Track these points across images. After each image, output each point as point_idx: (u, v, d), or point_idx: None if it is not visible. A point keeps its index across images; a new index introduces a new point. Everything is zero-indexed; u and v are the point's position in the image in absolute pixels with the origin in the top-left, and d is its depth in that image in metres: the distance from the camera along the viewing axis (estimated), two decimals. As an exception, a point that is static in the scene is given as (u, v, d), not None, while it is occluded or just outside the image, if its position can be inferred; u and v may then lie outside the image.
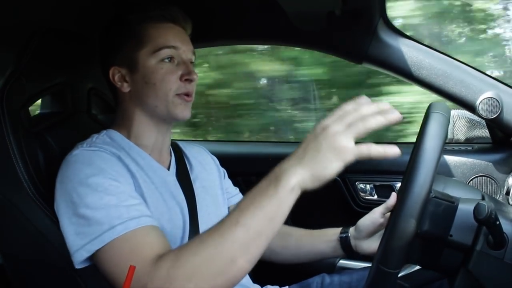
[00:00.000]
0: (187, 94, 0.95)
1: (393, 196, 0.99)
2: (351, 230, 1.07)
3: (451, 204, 0.79)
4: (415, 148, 0.76)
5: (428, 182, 0.71)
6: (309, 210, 1.51)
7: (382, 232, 0.95)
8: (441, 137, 0.73)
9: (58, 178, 0.85)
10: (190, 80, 0.94)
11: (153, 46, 0.93)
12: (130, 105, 0.96)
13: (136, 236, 0.77)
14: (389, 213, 0.98)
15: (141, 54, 0.93)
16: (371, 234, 1.03)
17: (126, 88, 0.95)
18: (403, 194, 0.73)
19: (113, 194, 0.80)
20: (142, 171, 0.91)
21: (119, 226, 0.77)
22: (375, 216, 1.01)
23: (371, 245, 1.03)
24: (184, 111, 0.95)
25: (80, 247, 0.78)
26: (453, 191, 0.86)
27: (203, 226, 0.95)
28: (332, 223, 1.15)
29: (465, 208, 0.78)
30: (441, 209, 0.78)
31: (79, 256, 0.79)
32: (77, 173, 0.82)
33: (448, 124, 0.77)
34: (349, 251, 1.07)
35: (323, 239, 1.10)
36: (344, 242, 1.06)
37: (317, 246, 1.11)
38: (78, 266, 0.80)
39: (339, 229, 1.09)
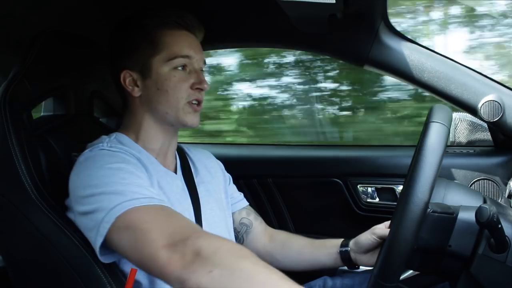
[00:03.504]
0: (198, 103, 0.96)
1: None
2: (351, 243, 1.08)
3: (450, 216, 0.79)
4: (414, 161, 0.76)
5: (425, 200, 0.71)
6: (311, 213, 1.51)
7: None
8: (439, 153, 0.73)
9: (73, 172, 0.86)
10: (200, 89, 0.95)
11: (168, 54, 0.93)
12: (139, 109, 0.97)
13: (160, 210, 0.76)
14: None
15: (155, 60, 0.93)
16: (371, 249, 1.04)
17: (137, 92, 0.96)
18: (400, 213, 0.73)
19: (135, 178, 0.81)
20: (152, 176, 0.91)
21: (143, 199, 0.76)
22: (375, 234, 1.03)
23: (371, 259, 1.04)
24: (193, 119, 0.96)
25: (98, 223, 0.76)
26: (455, 195, 0.86)
27: (206, 230, 0.95)
28: (333, 226, 1.15)
29: (465, 217, 0.78)
30: (440, 222, 0.79)
31: (97, 241, 0.76)
32: (98, 160, 0.83)
33: (449, 134, 0.77)
34: (349, 264, 1.09)
35: (323, 251, 1.11)
36: (344, 255, 1.08)
37: (317, 257, 1.12)
38: (101, 257, 0.79)
39: (339, 241, 1.10)
